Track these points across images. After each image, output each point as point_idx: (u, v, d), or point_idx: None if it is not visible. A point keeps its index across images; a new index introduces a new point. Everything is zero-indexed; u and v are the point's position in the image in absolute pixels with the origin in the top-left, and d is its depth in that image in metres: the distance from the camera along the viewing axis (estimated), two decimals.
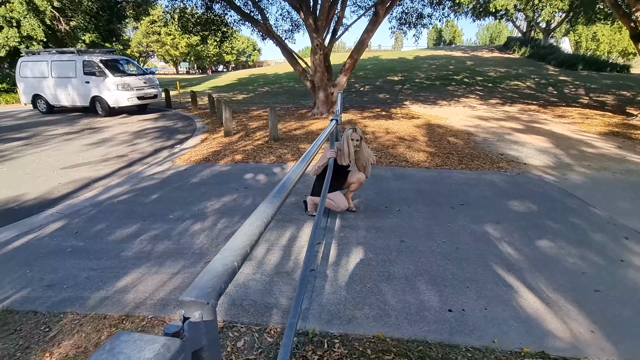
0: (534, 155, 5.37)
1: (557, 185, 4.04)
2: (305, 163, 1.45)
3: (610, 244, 2.68)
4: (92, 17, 15.18)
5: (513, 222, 3.06)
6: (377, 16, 8.61)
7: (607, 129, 7.35)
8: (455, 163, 4.88)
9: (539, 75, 18.27)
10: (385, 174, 4.46)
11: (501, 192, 3.79)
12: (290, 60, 9.56)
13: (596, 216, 3.20)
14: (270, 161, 5.12)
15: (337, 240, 2.76)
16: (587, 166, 4.80)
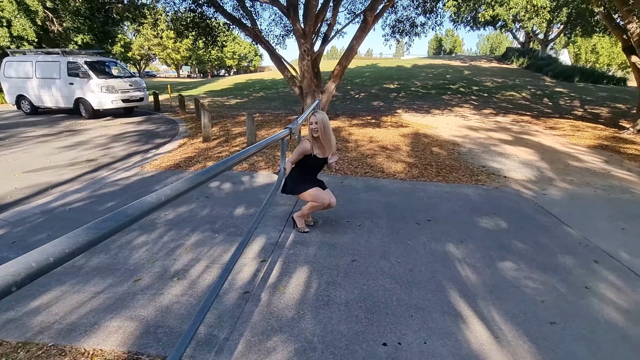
0: (517, 168, 5.19)
1: (533, 201, 3.85)
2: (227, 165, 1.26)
3: (577, 269, 2.49)
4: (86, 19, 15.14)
5: (478, 241, 2.86)
6: (366, 23, 8.50)
7: (597, 142, 7.18)
8: (433, 175, 4.69)
9: (535, 86, 18.17)
10: (357, 184, 4.27)
11: (473, 208, 3.60)
12: (278, 65, 9.45)
13: (569, 236, 3.00)
14: (242, 169, 4.94)
15: (285, 258, 2.57)
16: (569, 181, 4.61)
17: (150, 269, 2.43)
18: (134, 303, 2.07)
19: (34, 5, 12.70)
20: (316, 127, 2.75)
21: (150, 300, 2.09)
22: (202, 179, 1.25)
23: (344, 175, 4.64)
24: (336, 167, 2.91)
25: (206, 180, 1.31)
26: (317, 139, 2.81)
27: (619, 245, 2.85)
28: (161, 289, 2.20)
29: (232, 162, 1.51)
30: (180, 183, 1.15)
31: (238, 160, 1.61)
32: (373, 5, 8.30)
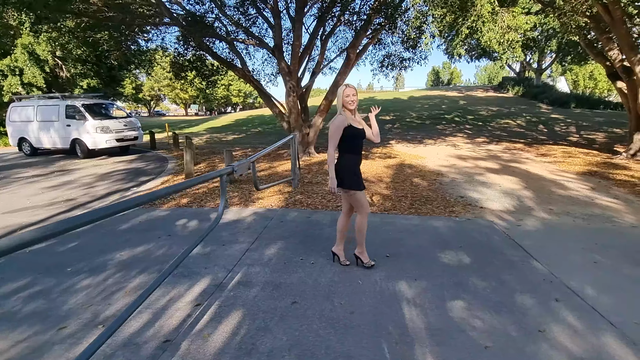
0: (497, 197, 5.05)
1: (505, 233, 3.68)
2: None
3: (535, 309, 2.30)
4: (94, 65, 16.03)
5: (434, 279, 2.70)
6: (348, 59, 8.79)
7: (587, 169, 7.01)
8: (406, 207, 4.57)
9: (531, 114, 18.26)
10: (325, 219, 4.18)
11: (439, 242, 3.45)
12: (267, 102, 9.71)
13: (534, 272, 2.82)
14: (215, 205, 4.90)
15: (222, 301, 2.44)
16: (549, 210, 4.44)
17: (80, 315, 2.33)
18: (48, 354, 1.95)
19: (44, 54, 13.55)
20: (354, 99, 2.67)
21: (65, 351, 1.97)
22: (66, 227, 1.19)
23: (314, 210, 4.56)
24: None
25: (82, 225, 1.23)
26: (353, 111, 2.73)
27: (587, 281, 2.65)
28: (82, 338, 2.08)
29: (135, 202, 1.47)
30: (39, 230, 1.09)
31: (148, 199, 1.57)
32: (355, 43, 8.62)
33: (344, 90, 2.66)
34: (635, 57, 7.37)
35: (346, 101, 2.65)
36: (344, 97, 2.64)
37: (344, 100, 2.65)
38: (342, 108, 2.67)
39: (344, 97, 2.64)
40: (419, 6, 7.05)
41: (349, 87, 2.67)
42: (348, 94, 2.65)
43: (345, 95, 2.64)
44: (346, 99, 2.64)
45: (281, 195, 5.23)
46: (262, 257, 3.14)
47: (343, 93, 2.65)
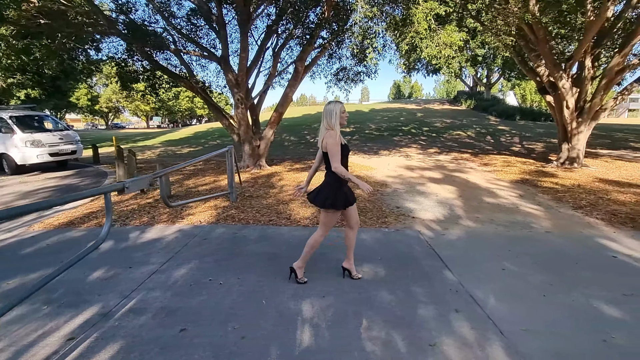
0: (431, 207, 5.14)
1: (428, 243, 3.71)
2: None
3: (432, 322, 2.27)
4: (35, 74, 14.98)
5: (342, 295, 2.62)
6: (297, 72, 8.82)
7: (520, 177, 7.40)
8: (339, 220, 4.51)
9: (481, 125, 19.31)
10: (252, 234, 4.02)
11: (361, 255, 3.39)
12: (216, 114, 9.47)
13: (444, 282, 2.82)
14: (140, 223, 4.58)
15: (102, 333, 2.19)
16: (475, 219, 4.57)
17: None
18: None
19: None
20: (347, 115, 2.67)
21: None
22: None
23: (244, 225, 4.39)
24: None
25: None
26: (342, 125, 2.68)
27: (491, 289, 2.69)
28: None
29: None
30: None
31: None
32: (302, 56, 8.68)
33: (341, 107, 2.62)
34: (557, 73, 7.99)
35: (343, 118, 2.63)
36: (342, 113, 2.62)
37: (341, 117, 2.62)
38: (339, 125, 2.62)
39: (342, 114, 2.62)
40: (362, 23, 7.21)
41: (343, 105, 2.68)
42: (344, 110, 2.64)
43: (342, 112, 2.62)
44: (343, 116, 2.62)
45: (215, 211, 5.01)
46: (168, 279, 2.92)
47: (340, 110, 2.61)
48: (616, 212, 4.61)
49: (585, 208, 4.91)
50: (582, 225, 4.25)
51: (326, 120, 2.59)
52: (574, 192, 5.81)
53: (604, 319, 2.27)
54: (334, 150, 2.53)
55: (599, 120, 8.51)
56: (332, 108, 2.59)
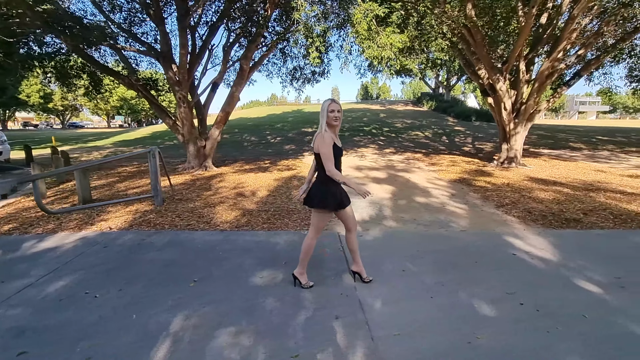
0: (361, 208, 5.11)
1: (342, 245, 3.64)
2: None
3: (305, 330, 2.17)
4: None
5: (225, 304, 2.47)
6: (242, 71, 8.59)
7: (459, 176, 7.59)
8: (261, 222, 4.37)
9: (439, 126, 19.89)
10: (161, 240, 3.78)
11: (268, 259, 3.26)
12: (159, 113, 9.04)
13: (340, 286, 2.75)
14: (43, 230, 4.20)
15: None
16: (399, 218, 4.58)
17: None
18: None
19: None
20: (339, 115, 2.45)
21: None
22: None
23: (158, 230, 4.14)
24: None
25: None
26: (335, 127, 2.51)
27: (383, 292, 2.64)
28: None
29: None
30: None
31: None
32: (246, 55, 8.46)
33: (328, 105, 2.43)
34: (495, 75, 8.29)
35: (330, 117, 2.42)
36: (329, 112, 2.42)
37: (328, 117, 2.42)
38: (326, 125, 2.44)
39: (329, 113, 2.42)
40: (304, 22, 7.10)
41: (334, 103, 2.46)
42: (333, 109, 2.43)
43: (329, 111, 2.42)
44: (330, 115, 2.42)
45: (132, 215, 4.70)
46: (39, 294, 2.64)
47: (328, 108, 2.42)
48: (532, 210, 4.79)
49: (507, 206, 5.07)
50: (498, 223, 4.37)
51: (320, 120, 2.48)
52: (501, 190, 6.01)
53: (477, 319, 2.27)
54: (326, 153, 2.39)
55: (534, 121, 8.92)
56: (322, 106, 2.46)
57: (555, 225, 4.22)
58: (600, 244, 3.60)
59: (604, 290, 2.64)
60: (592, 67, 8.29)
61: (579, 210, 4.70)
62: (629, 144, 13.74)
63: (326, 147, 2.39)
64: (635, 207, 4.81)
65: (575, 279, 2.83)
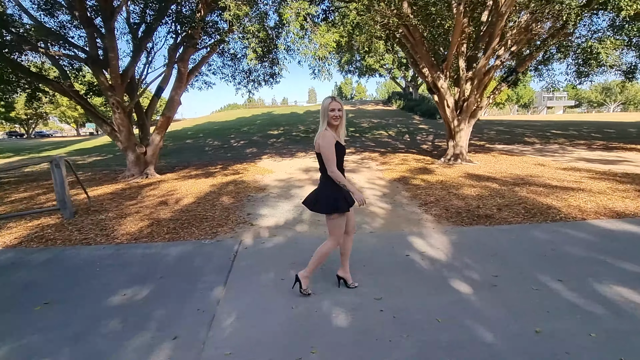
0: (283, 212, 4.96)
1: (236, 254, 3.47)
2: None
3: (133, 353, 1.98)
4: None
5: (51, 331, 2.25)
6: (180, 74, 8.32)
7: (401, 174, 7.56)
8: (163, 233, 4.15)
9: (404, 125, 20.07)
10: (40, 258, 3.49)
11: (140, 274, 3.04)
12: (95, 120, 8.64)
13: (203, 300, 2.57)
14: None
15: None
16: (315, 222, 4.45)
17: None
18: None
19: None
20: (339, 114, 2.34)
21: None
22: None
23: (47, 247, 3.84)
24: None
25: None
26: (337, 126, 2.40)
27: (242, 305, 2.48)
28: None
29: None
30: None
31: None
32: (183, 57, 8.20)
33: (329, 104, 2.32)
34: (435, 73, 8.34)
35: (331, 116, 2.31)
36: (329, 111, 2.31)
37: (328, 115, 2.31)
38: (326, 124, 2.34)
39: (329, 112, 2.31)
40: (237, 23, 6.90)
41: (335, 101, 2.34)
42: (333, 108, 2.32)
43: (330, 110, 2.31)
44: (331, 114, 2.31)
45: (30, 230, 4.38)
46: None
47: (328, 107, 2.31)
48: (450, 208, 4.76)
49: (430, 204, 5.03)
50: (412, 222, 4.30)
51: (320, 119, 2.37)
52: (432, 188, 5.99)
53: (323, 332, 2.14)
54: (327, 153, 2.26)
55: (477, 117, 9.03)
56: (323, 105, 2.35)
57: (466, 222, 4.18)
58: (496, 240, 3.57)
59: (473, 289, 2.57)
60: (527, 64, 8.47)
61: (495, 206, 4.70)
62: (579, 137, 14.22)
63: (327, 148, 2.27)
64: (550, 200, 4.86)
65: (452, 279, 2.75)
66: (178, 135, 21.45)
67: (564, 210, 4.41)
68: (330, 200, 2.36)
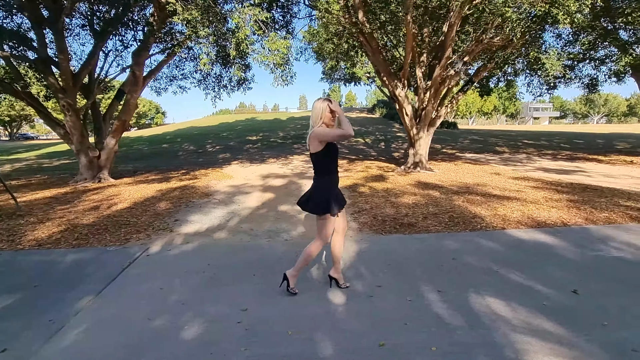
0: (213, 219, 4.85)
1: (132, 261, 3.35)
2: None
3: None
4: None
5: None
6: (135, 77, 8.21)
7: (355, 182, 7.52)
8: (72, 239, 4.00)
9: (383, 133, 20.16)
10: None
11: (14, 285, 2.90)
12: (48, 123, 8.48)
13: (61, 312, 2.45)
14: None
15: None
16: (236, 229, 4.36)
17: None
18: None
19: None
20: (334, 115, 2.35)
21: None
22: None
23: None
24: None
25: None
26: (332, 126, 2.38)
27: (99, 317, 2.37)
28: None
29: None
30: None
31: None
32: (138, 61, 8.11)
33: (327, 105, 2.32)
34: (393, 82, 8.38)
35: (328, 117, 2.32)
36: (327, 113, 2.31)
37: (325, 116, 2.31)
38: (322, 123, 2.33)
39: (327, 114, 2.31)
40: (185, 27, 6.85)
41: (334, 103, 2.35)
42: (331, 109, 2.33)
43: (327, 111, 2.32)
44: (327, 115, 2.32)
45: None
46: None
47: (326, 109, 2.31)
48: (378, 216, 4.70)
49: (362, 212, 4.97)
50: None
51: (311, 121, 2.35)
52: (374, 196, 5.95)
53: (157, 348, 2.03)
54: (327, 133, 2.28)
55: (436, 126, 9.08)
56: (316, 106, 2.34)
57: (386, 230, 4.13)
58: (404, 249, 3.50)
59: (349, 300, 2.49)
60: (481, 74, 8.56)
61: (422, 215, 4.66)
62: (548, 147, 14.41)
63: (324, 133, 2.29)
64: (479, 209, 4.84)
65: (334, 289, 2.67)
66: (156, 139, 21.25)
67: (487, 219, 4.39)
68: (322, 201, 2.37)
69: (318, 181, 2.45)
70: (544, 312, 2.29)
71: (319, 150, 2.34)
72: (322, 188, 2.42)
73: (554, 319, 2.19)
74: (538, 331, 2.07)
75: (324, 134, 2.29)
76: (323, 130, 2.30)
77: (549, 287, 2.62)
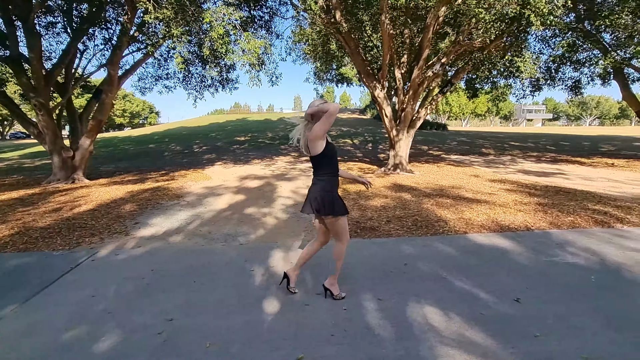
0: (176, 222, 4.74)
1: (75, 267, 3.23)
2: None
3: None
4: None
5: None
6: (110, 77, 8.07)
7: None
8: (20, 242, 3.86)
9: (371, 134, 20.11)
10: None
11: None
12: (21, 122, 8.31)
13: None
14: None
15: None
16: (195, 233, 4.25)
17: None
18: None
19: None
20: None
21: None
22: None
23: None
24: None
25: None
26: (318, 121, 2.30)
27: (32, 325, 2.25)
28: None
29: None
30: None
31: None
32: (112, 60, 7.97)
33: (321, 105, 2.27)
34: (372, 83, 8.31)
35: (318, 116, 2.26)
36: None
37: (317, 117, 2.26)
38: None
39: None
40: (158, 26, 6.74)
41: (326, 102, 2.30)
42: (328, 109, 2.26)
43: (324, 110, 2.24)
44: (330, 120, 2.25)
45: None
46: None
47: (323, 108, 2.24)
48: None
49: None
50: (293, 235, 4.13)
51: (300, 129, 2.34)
52: (345, 198, 5.85)
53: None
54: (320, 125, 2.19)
55: (416, 128, 9.02)
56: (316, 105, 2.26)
57: None
58: (359, 254, 3.41)
59: (282, 308, 2.40)
60: (460, 76, 8.52)
61: (386, 218, 4.58)
62: (534, 149, 14.42)
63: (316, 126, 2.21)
64: (446, 212, 4.77)
65: (271, 297, 2.57)
66: (144, 139, 21.05)
67: (451, 223, 4.32)
68: (338, 202, 2.36)
69: (322, 184, 2.37)
70: (479, 322, 2.21)
71: (321, 152, 2.29)
72: (329, 190, 2.36)
73: (487, 330, 2.11)
74: (465, 343, 1.99)
75: (321, 127, 2.20)
76: (317, 126, 2.21)
77: (492, 295, 2.54)
